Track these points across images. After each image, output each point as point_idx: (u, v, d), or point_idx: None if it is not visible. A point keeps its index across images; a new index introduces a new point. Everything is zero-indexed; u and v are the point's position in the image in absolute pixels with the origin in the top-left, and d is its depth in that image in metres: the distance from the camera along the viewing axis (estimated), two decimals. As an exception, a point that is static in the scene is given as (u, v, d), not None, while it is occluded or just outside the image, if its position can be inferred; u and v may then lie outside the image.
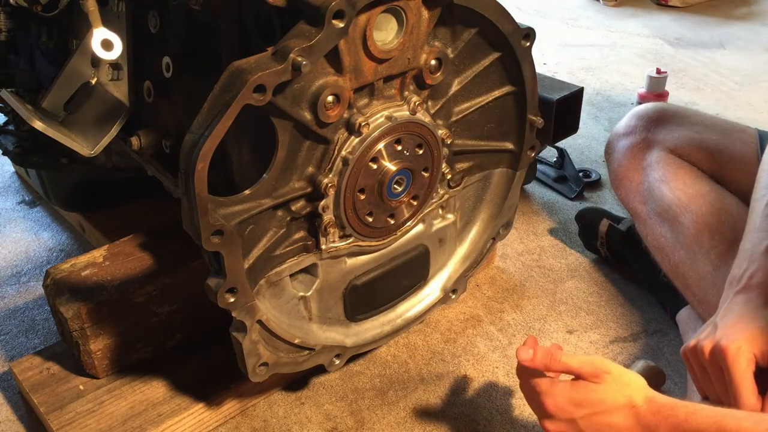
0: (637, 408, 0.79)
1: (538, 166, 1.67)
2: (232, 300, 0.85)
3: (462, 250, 1.14)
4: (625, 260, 1.36)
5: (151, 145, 1.06)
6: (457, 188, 1.07)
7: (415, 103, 0.92)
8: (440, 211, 1.08)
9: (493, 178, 1.11)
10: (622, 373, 0.83)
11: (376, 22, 0.82)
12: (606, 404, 0.81)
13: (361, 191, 0.92)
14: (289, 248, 0.92)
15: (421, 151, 0.95)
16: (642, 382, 0.82)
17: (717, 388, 0.85)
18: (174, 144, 1.03)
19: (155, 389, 1.06)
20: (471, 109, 1.00)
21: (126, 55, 1.02)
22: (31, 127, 1.03)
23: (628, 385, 0.81)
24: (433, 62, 0.91)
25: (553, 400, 0.84)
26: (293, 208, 0.89)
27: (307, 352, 0.99)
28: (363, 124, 0.87)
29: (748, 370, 0.81)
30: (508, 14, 0.93)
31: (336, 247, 0.95)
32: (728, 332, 0.84)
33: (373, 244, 1.00)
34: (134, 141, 1.05)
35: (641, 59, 2.39)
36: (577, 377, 0.84)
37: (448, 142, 0.98)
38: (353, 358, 1.07)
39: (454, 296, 1.16)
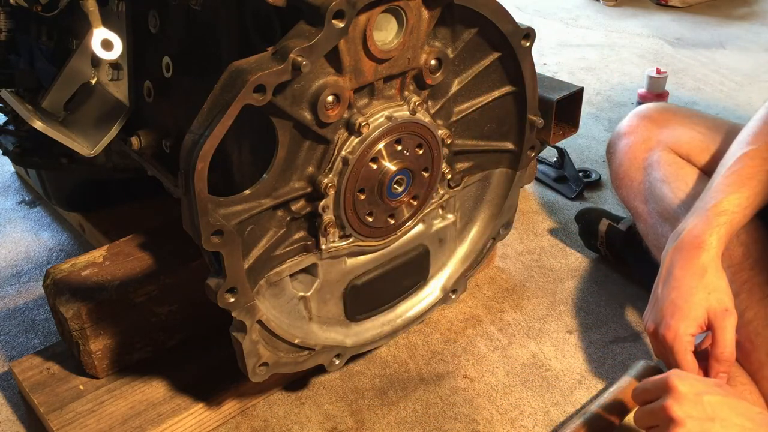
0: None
1: (538, 166, 1.67)
2: (232, 300, 0.85)
3: (462, 250, 1.14)
4: (626, 260, 1.36)
5: (151, 145, 1.06)
6: (457, 188, 1.07)
7: (415, 103, 0.92)
8: (440, 211, 1.08)
9: (493, 178, 1.11)
10: None
11: (376, 22, 0.82)
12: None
13: (361, 191, 0.92)
14: (289, 248, 0.92)
15: (421, 151, 0.95)
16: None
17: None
18: (174, 144, 1.03)
19: (155, 389, 1.06)
20: (471, 109, 1.00)
21: (126, 55, 1.02)
22: (31, 127, 1.03)
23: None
24: (433, 62, 0.91)
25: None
26: (293, 208, 0.89)
27: (307, 352, 0.99)
28: (363, 124, 0.87)
29: (688, 351, 0.92)
30: (508, 14, 0.93)
31: (336, 247, 0.95)
32: (665, 317, 0.94)
33: (373, 244, 1.00)
34: (134, 141, 1.05)
35: (641, 59, 2.39)
36: None
37: (448, 142, 0.98)
38: (353, 358, 1.07)
39: (454, 296, 1.16)
